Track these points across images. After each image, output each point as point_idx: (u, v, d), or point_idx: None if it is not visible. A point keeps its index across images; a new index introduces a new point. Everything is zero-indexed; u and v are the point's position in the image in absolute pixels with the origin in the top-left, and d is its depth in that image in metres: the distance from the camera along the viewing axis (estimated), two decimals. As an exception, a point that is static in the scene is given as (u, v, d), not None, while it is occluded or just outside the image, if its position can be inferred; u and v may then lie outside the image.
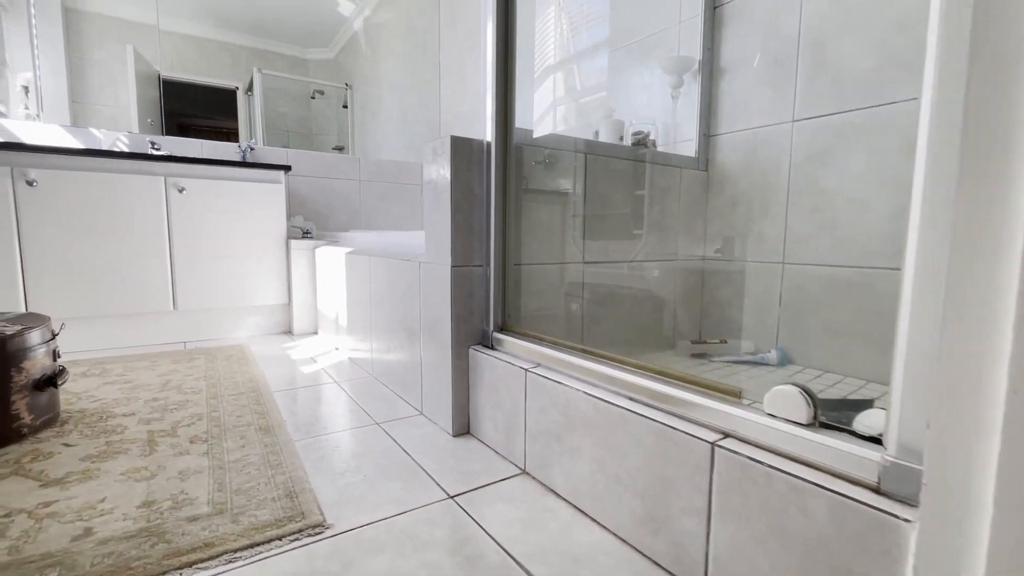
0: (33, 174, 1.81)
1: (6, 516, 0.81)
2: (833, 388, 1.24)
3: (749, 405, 0.65)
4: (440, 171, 1.13)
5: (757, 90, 1.51)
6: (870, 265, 1.27)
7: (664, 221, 1.63)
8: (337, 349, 2.04)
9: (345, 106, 3.74)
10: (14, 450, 1.05)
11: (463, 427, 1.18)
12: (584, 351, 0.91)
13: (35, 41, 2.53)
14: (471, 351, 1.16)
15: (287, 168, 2.33)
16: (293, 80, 3.44)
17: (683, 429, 0.67)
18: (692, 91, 1.64)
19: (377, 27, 3.59)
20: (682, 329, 1.66)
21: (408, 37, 3.47)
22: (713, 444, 0.63)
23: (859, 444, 0.53)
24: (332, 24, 3.56)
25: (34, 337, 1.14)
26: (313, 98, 3.63)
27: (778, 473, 0.56)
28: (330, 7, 3.53)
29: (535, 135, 1.36)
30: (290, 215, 2.67)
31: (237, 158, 2.65)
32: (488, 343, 1.15)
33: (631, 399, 0.78)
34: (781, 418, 0.60)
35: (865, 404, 0.61)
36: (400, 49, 3.54)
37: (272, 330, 2.38)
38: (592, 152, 1.37)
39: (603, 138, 1.55)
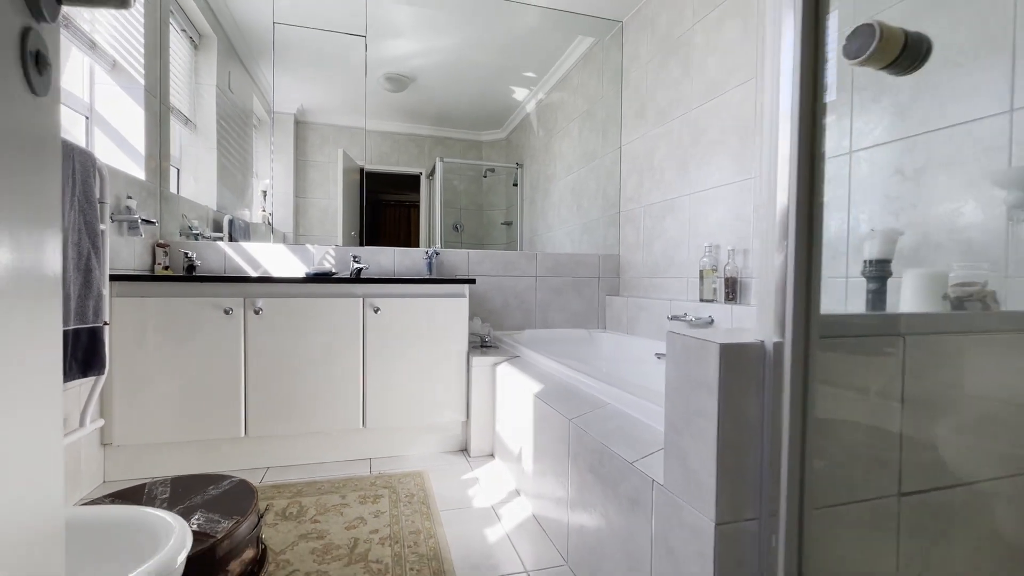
0: (260, 303, 1.98)
1: None
2: None
3: None
4: (700, 388, 0.82)
5: None
6: None
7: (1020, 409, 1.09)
8: (519, 494, 1.82)
9: (515, 184, 3.76)
10: (212, 673, 0.97)
11: None
12: None
13: (273, 151, 2.94)
14: (741, 645, 0.79)
15: (471, 281, 2.27)
16: (468, 162, 3.60)
17: None
18: (1046, 211, 1.11)
19: (551, 108, 3.57)
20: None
21: (585, 121, 3.35)
22: None
23: None
24: (506, 108, 3.64)
25: (242, 532, 1.09)
26: (485, 176, 3.73)
27: None
28: (506, 93, 3.61)
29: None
30: (469, 317, 2.62)
31: (423, 263, 2.71)
32: (772, 645, 0.78)
33: None
34: None
35: None
36: (576, 132, 3.44)
37: (449, 447, 2.27)
38: (913, 331, 0.94)
39: (909, 298, 1.09)
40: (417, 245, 3.23)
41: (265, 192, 3.00)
